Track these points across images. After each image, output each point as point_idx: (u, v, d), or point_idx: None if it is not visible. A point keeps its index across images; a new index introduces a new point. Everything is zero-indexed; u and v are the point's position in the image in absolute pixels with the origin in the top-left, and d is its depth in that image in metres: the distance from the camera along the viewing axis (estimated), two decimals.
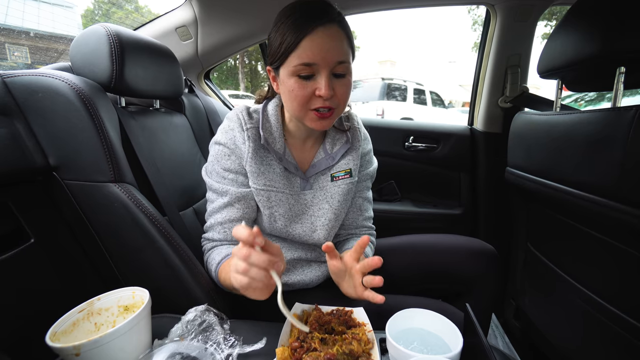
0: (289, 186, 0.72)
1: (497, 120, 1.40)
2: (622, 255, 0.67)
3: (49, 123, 0.65)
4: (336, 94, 0.63)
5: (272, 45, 0.64)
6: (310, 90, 0.61)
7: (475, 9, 13.42)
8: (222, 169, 0.70)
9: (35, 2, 8.73)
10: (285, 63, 0.61)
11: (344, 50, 0.61)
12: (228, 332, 0.56)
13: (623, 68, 0.67)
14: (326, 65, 0.60)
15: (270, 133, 0.70)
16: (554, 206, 0.86)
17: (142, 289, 0.57)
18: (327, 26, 0.59)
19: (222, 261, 0.67)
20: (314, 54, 0.59)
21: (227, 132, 0.69)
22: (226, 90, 13.43)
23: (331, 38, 0.59)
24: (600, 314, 0.73)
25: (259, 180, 0.69)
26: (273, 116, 0.72)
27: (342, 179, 0.76)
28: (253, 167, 0.68)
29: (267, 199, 0.70)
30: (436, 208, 1.54)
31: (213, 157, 0.71)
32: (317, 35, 0.58)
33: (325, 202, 0.75)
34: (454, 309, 0.73)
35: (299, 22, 0.59)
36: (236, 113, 0.70)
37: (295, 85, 0.61)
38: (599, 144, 0.65)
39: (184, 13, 1.24)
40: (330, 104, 0.63)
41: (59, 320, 0.49)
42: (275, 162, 0.71)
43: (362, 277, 0.58)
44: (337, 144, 0.76)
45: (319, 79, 0.61)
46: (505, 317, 1.25)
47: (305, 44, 0.58)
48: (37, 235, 0.62)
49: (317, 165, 0.75)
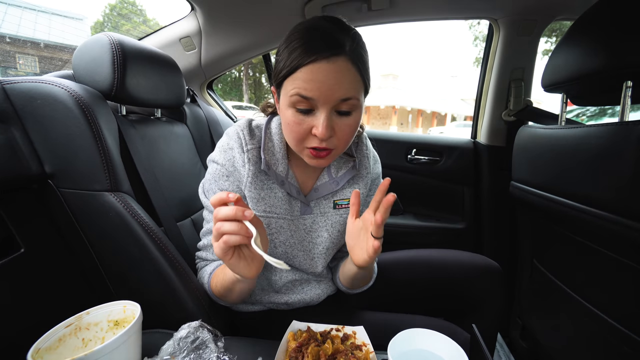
0: (290, 211, 0.68)
1: (500, 133, 1.38)
2: (632, 273, 0.64)
3: (47, 130, 0.64)
4: (336, 134, 0.57)
5: (277, 65, 0.58)
6: (307, 126, 0.56)
7: (476, 24, 13.66)
8: (219, 189, 0.65)
9: (47, 14, 8.96)
10: (285, 90, 0.56)
11: (350, 86, 0.54)
12: (222, 350, 0.53)
13: (630, 82, 0.66)
14: (326, 102, 0.53)
15: (272, 154, 0.66)
16: (560, 221, 0.84)
17: (133, 303, 0.54)
18: (333, 60, 0.52)
19: (214, 270, 0.65)
20: (313, 88, 0.52)
21: (225, 152, 0.64)
22: (230, 101, 13.60)
23: (335, 73, 0.52)
24: (610, 335, 0.70)
25: (259, 207, 0.65)
26: (276, 135, 0.67)
27: (346, 208, 0.71)
28: (252, 193, 0.64)
29: (267, 225, 0.66)
30: (439, 222, 1.51)
31: (210, 175, 0.66)
32: (318, 69, 0.52)
33: (324, 230, 0.71)
34: (458, 329, 0.70)
35: (303, 49, 0.52)
36: (236, 131, 0.65)
37: (292, 119, 0.56)
38: (606, 158, 0.63)
39: (189, 24, 1.25)
40: (327, 145, 0.57)
41: (44, 336, 0.47)
42: (277, 186, 0.66)
43: (374, 226, 0.53)
44: (342, 168, 0.71)
45: (317, 115, 0.55)
46: (511, 337, 1.21)
47: (304, 75, 0.52)
48: (28, 245, 0.60)
49: (319, 190, 0.70)
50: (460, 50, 74.85)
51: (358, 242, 0.58)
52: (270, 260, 0.47)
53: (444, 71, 64.92)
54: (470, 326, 0.55)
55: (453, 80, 39.83)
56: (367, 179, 0.74)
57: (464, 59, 58.24)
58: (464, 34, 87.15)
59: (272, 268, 0.73)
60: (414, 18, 1.30)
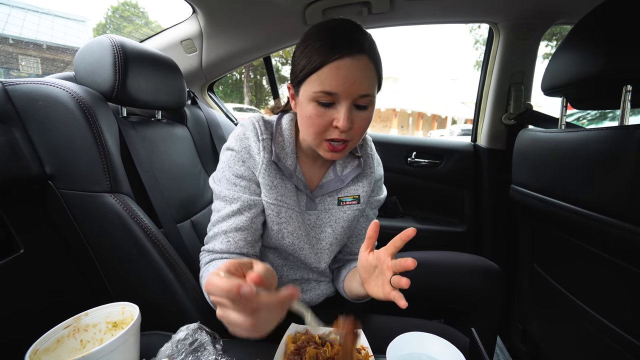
0: (298, 204, 0.69)
1: (500, 137, 1.38)
2: (632, 278, 0.64)
3: (48, 131, 0.64)
4: (354, 126, 0.59)
5: (296, 65, 0.61)
6: (328, 119, 0.59)
7: (477, 28, 13.69)
8: (233, 175, 0.66)
9: (50, 15, 9.01)
10: (307, 86, 0.58)
11: (369, 83, 0.58)
12: (220, 352, 0.53)
13: (629, 86, 0.66)
14: (348, 97, 0.57)
15: (282, 148, 0.68)
16: (561, 225, 0.84)
17: (132, 304, 0.54)
18: (356, 57, 0.55)
19: None
20: (337, 83, 0.55)
21: (241, 140, 0.66)
22: (231, 103, 13.63)
23: (358, 70, 0.56)
24: (611, 340, 0.70)
25: (271, 194, 0.66)
26: (287, 130, 0.69)
27: (349, 205, 0.73)
28: (266, 180, 0.65)
29: (277, 214, 0.67)
30: (439, 225, 1.51)
31: (224, 163, 0.67)
32: (344, 65, 0.55)
33: (328, 225, 0.72)
34: (457, 333, 0.70)
35: (327, 48, 0.55)
36: (252, 121, 0.67)
37: (313, 112, 0.58)
38: (606, 162, 0.63)
39: (190, 26, 1.26)
40: (346, 137, 0.60)
41: (42, 337, 0.47)
42: (286, 177, 0.68)
43: (392, 275, 0.53)
44: (348, 167, 0.73)
45: (339, 108, 0.58)
46: (512, 341, 1.20)
47: (329, 71, 0.55)
48: (27, 246, 0.60)
49: (325, 186, 0.72)
50: (460, 53, 75.08)
51: (372, 279, 0.58)
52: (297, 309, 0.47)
53: (444, 74, 65.13)
54: (469, 330, 0.55)
55: (453, 83, 39.91)
56: (371, 178, 0.75)
57: (464, 63, 58.43)
58: (464, 38, 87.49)
59: (272, 267, 0.73)
60: (415, 22, 1.31)
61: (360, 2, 1.14)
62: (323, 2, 1.13)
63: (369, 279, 0.58)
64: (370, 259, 0.56)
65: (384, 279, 0.54)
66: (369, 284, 0.58)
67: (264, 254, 0.74)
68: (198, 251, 0.74)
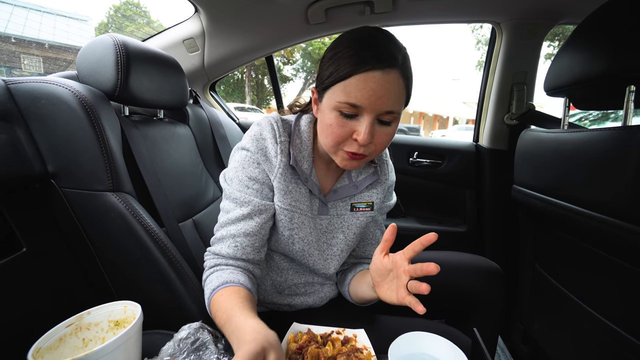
0: (310, 208, 0.68)
1: (503, 137, 1.38)
2: (634, 279, 0.64)
3: (50, 130, 0.64)
4: (374, 141, 0.57)
5: (323, 70, 0.58)
6: (349, 130, 0.56)
7: (479, 28, 13.65)
8: (246, 177, 0.63)
9: (52, 15, 9.02)
10: (332, 94, 0.56)
11: (397, 100, 0.55)
12: (222, 351, 0.53)
13: (633, 87, 0.66)
14: (373, 111, 0.54)
15: (299, 151, 0.65)
16: (563, 226, 0.84)
17: (134, 303, 0.54)
18: (387, 71, 0.53)
19: (217, 289, 0.58)
20: (363, 96, 0.53)
21: (258, 141, 0.63)
22: (232, 102, 13.63)
23: (386, 84, 0.53)
24: (613, 341, 0.70)
25: (285, 199, 0.64)
26: (305, 133, 0.67)
27: (363, 211, 0.71)
28: (281, 184, 0.63)
29: (290, 219, 0.65)
30: (440, 225, 1.50)
31: (238, 163, 0.64)
32: (372, 78, 0.52)
33: (340, 231, 0.71)
34: (459, 333, 0.70)
35: (357, 57, 0.53)
36: (270, 122, 0.64)
37: (334, 122, 0.56)
38: (609, 162, 0.63)
39: (192, 26, 1.26)
40: (364, 151, 0.58)
41: (45, 336, 0.47)
42: (301, 182, 0.66)
43: (408, 279, 0.52)
44: (363, 173, 0.71)
45: (361, 120, 0.55)
46: (513, 342, 1.20)
47: (356, 82, 0.53)
48: (30, 244, 0.60)
49: (339, 192, 0.70)
50: (462, 53, 74.93)
51: (385, 282, 0.57)
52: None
53: (446, 74, 64.97)
54: (470, 330, 0.54)
55: (455, 83, 39.81)
56: (385, 185, 0.74)
57: (467, 63, 58.31)
58: (466, 38, 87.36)
59: (278, 270, 0.73)
60: (417, 21, 1.30)
61: (363, 1, 1.14)
62: (326, 1, 1.13)
63: (382, 283, 0.57)
64: (385, 262, 0.55)
65: (399, 282, 0.53)
66: (381, 288, 0.58)
67: (270, 256, 0.74)
68: (200, 250, 0.74)
